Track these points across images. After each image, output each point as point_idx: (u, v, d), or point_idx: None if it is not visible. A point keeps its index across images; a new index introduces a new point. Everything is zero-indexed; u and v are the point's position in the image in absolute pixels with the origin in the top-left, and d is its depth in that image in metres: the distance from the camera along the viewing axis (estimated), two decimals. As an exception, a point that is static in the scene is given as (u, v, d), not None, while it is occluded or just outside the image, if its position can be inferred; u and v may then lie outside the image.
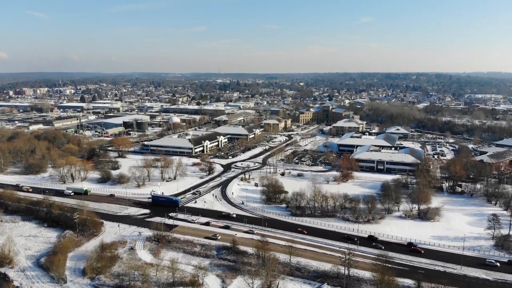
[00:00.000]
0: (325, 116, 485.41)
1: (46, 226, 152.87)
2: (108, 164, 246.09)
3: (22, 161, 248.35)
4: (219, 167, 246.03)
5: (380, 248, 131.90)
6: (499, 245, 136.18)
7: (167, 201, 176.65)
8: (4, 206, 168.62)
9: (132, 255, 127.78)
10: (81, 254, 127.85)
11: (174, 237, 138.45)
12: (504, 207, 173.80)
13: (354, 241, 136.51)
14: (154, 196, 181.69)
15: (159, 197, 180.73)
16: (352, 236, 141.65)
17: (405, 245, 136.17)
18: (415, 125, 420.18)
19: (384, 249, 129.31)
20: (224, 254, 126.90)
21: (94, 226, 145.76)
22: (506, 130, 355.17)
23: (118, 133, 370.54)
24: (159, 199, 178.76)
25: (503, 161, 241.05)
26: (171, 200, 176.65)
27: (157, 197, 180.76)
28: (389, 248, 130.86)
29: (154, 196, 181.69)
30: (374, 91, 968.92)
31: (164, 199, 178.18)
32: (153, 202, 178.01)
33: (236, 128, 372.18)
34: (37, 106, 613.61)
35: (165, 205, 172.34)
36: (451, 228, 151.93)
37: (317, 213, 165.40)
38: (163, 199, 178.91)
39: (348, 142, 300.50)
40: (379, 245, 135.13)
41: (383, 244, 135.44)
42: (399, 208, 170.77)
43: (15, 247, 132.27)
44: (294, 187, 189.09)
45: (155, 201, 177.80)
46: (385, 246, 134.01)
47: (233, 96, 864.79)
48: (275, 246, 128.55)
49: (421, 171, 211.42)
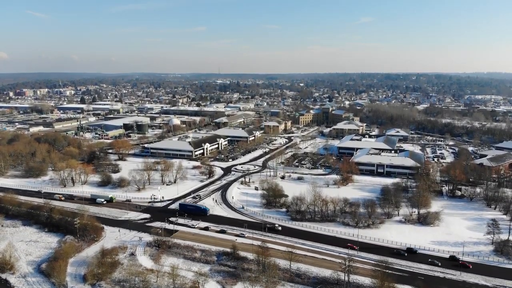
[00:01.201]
0: (325, 118, 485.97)
1: (47, 231, 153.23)
2: (109, 167, 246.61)
3: (23, 164, 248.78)
4: (219, 170, 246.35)
5: (423, 262, 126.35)
6: (499, 250, 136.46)
7: (196, 209, 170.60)
8: (5, 211, 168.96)
9: (132, 260, 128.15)
10: (81, 259, 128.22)
11: (174, 243, 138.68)
12: (504, 212, 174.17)
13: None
14: (181, 204, 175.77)
15: (186, 205, 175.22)
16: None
17: (447, 258, 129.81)
18: (415, 127, 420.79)
19: (427, 263, 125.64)
20: (224, 260, 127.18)
21: (94, 231, 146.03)
22: (506, 132, 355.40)
23: (119, 135, 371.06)
24: (186, 207, 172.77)
25: (503, 164, 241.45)
26: (200, 209, 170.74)
27: (184, 205, 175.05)
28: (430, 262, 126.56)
29: (181, 204, 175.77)
30: (374, 92, 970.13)
31: (193, 207, 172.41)
32: (181, 210, 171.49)
33: (236, 130, 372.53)
34: (37, 107, 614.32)
35: (193, 214, 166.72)
36: (450, 233, 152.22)
37: (317, 218, 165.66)
38: (191, 207, 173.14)
39: (348, 144, 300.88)
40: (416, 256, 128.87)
41: (422, 257, 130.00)
42: (399, 212, 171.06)
43: (16, 253, 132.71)
44: (294, 191, 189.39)
45: (182, 209, 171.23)
46: (424, 259, 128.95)
47: (233, 97, 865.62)
48: (275, 252, 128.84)
49: (421, 175, 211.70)
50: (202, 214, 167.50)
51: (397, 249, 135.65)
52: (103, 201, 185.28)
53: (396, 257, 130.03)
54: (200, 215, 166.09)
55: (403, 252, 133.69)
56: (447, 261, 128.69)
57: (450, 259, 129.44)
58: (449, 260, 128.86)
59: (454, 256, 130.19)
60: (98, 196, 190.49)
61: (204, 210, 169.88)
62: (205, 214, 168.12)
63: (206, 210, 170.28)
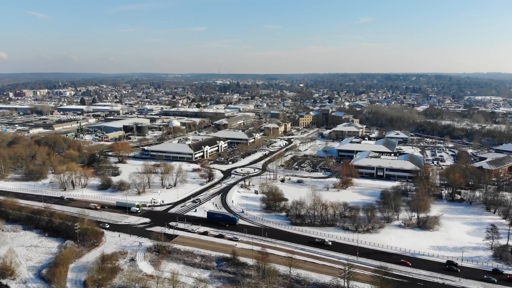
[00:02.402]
0: (325, 120, 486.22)
1: (47, 236, 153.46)
2: (109, 170, 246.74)
3: (23, 167, 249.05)
4: (219, 173, 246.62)
5: None
6: (498, 255, 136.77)
7: (224, 218, 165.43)
8: (5, 215, 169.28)
9: (133, 266, 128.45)
10: (82, 265, 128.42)
11: (174, 248, 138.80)
12: (503, 216, 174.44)
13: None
14: (209, 213, 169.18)
15: (215, 213, 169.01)
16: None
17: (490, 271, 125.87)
18: (414, 129, 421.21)
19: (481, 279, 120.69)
20: (224, 266, 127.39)
21: (94, 236, 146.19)
22: (505, 134, 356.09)
23: (118, 137, 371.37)
24: (215, 215, 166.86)
25: (502, 167, 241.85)
26: (228, 218, 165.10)
27: (212, 213, 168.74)
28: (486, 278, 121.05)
29: (209, 213, 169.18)
30: (374, 93, 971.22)
31: (221, 216, 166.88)
32: (209, 218, 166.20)
33: (236, 132, 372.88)
34: (37, 108, 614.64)
35: (222, 223, 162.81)
36: (450, 238, 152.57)
37: (317, 222, 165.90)
38: (219, 215, 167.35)
39: (347, 147, 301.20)
40: None
41: (473, 272, 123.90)
42: (398, 216, 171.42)
43: (16, 258, 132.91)
44: (294, 194, 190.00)
45: (210, 218, 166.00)
46: (478, 274, 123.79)
47: (233, 98, 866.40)
48: (275, 257, 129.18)
49: (420, 179, 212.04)
50: (231, 223, 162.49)
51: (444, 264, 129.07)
52: (138, 210, 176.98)
53: (446, 273, 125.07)
54: (228, 224, 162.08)
55: (448, 267, 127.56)
56: None
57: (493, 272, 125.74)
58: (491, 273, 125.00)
59: (497, 270, 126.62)
60: (124, 204, 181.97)
61: (233, 219, 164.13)
62: (234, 223, 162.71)
63: (235, 219, 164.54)
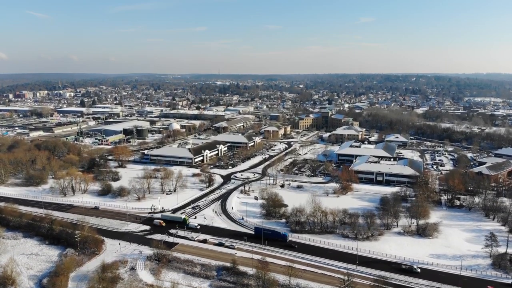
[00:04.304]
0: (324, 122, 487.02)
1: (47, 244, 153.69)
2: (109, 174, 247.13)
3: (23, 172, 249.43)
4: (218, 178, 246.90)
5: None
6: (496, 264, 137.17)
7: (273, 234, 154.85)
8: (6, 222, 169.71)
9: (133, 275, 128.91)
10: (82, 274, 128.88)
11: (174, 256, 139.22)
12: (502, 223, 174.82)
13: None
14: (257, 228, 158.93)
15: (263, 229, 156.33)
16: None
17: None
18: (414, 132, 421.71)
19: None
20: (224, 275, 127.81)
21: (95, 245, 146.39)
22: (505, 138, 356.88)
23: (118, 141, 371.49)
24: (263, 231, 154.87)
25: (502, 172, 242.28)
26: (279, 235, 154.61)
27: (260, 229, 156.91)
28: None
29: (257, 228, 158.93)
30: (374, 94, 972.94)
31: (270, 232, 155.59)
32: (256, 234, 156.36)
33: (235, 136, 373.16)
34: (37, 110, 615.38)
35: (271, 239, 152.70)
36: (449, 246, 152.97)
37: (317, 229, 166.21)
38: (269, 232, 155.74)
39: (347, 151, 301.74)
40: None
41: None
42: (397, 223, 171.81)
43: (17, 267, 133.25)
44: (294, 200, 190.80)
45: (258, 233, 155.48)
46: None
47: (233, 100, 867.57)
48: (274, 267, 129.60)
49: (419, 185, 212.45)
50: (281, 240, 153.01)
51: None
52: (196, 225, 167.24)
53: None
54: (277, 240, 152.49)
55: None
56: None
57: None
58: None
59: None
60: (171, 217, 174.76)
61: (284, 236, 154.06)
62: (285, 240, 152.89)
63: (286, 236, 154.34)
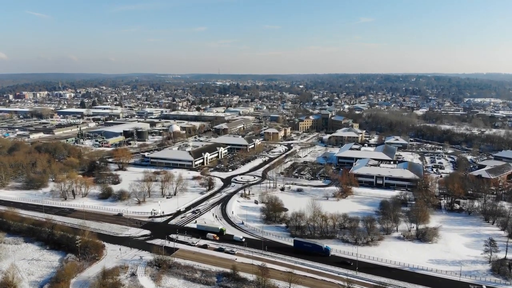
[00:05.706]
0: (324, 124, 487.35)
1: (48, 249, 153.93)
2: (109, 178, 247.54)
3: (24, 175, 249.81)
4: (219, 181, 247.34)
5: None
6: (495, 270, 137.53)
7: (314, 248, 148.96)
8: (7, 227, 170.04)
9: (133, 281, 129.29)
10: (83, 280, 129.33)
11: (174, 262, 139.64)
12: (502, 227, 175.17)
13: None
14: (297, 241, 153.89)
15: (303, 242, 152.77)
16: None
17: None
18: (414, 134, 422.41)
19: None
20: (224, 281, 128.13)
21: (96, 250, 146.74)
22: (505, 140, 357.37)
23: (119, 143, 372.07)
24: (303, 245, 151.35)
25: (501, 175, 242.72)
26: (320, 249, 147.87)
27: (300, 242, 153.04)
28: None
29: (297, 241, 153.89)
30: (374, 95, 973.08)
31: (310, 246, 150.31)
32: (295, 247, 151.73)
33: (236, 138, 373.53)
34: (37, 111, 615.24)
35: (311, 253, 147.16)
36: (448, 251, 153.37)
37: (317, 234, 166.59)
38: (309, 245, 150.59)
39: (347, 154, 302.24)
40: None
41: None
42: (397, 228, 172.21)
43: (19, 273, 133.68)
44: (294, 204, 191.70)
45: (297, 247, 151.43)
46: None
47: (233, 100, 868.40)
48: (274, 273, 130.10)
49: (419, 189, 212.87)
50: (322, 254, 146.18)
51: None
52: (241, 238, 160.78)
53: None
54: (318, 255, 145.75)
55: None
56: None
57: None
58: None
59: None
60: (207, 227, 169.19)
61: (326, 251, 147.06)
62: (327, 254, 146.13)
63: (328, 250, 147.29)
